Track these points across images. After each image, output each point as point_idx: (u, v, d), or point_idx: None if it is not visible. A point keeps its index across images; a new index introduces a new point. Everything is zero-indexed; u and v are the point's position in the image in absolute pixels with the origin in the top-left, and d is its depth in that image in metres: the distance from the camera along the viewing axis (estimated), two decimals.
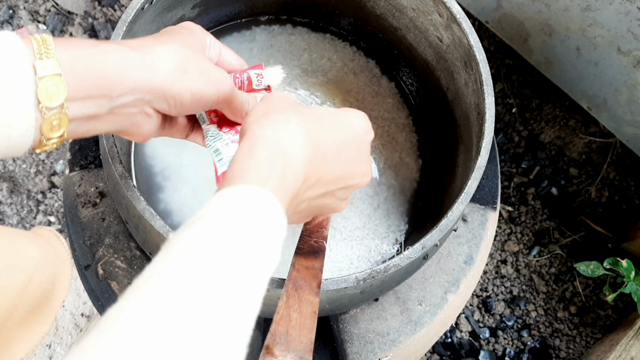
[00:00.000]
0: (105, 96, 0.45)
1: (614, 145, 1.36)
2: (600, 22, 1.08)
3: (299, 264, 0.54)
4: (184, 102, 0.50)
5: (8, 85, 0.39)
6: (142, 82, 0.46)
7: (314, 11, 0.92)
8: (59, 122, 0.43)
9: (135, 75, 0.46)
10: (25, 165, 1.35)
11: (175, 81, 0.49)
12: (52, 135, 0.43)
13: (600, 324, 1.28)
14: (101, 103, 0.45)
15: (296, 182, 0.45)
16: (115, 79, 0.45)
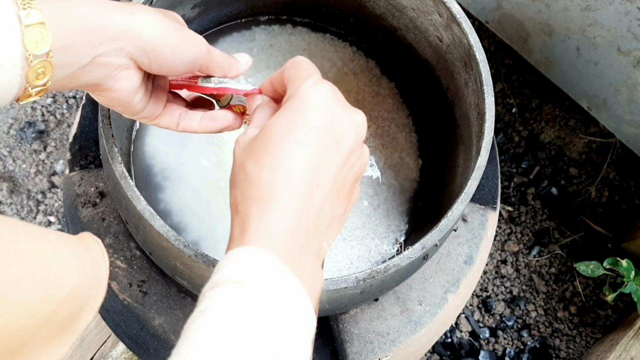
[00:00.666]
0: (88, 44, 0.46)
1: (614, 145, 1.36)
2: (600, 22, 1.08)
3: None
4: (165, 56, 0.50)
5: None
6: (123, 31, 0.47)
7: (314, 11, 0.92)
8: (43, 70, 0.44)
9: (116, 22, 0.47)
10: (25, 165, 1.35)
11: (155, 34, 0.49)
12: (37, 83, 0.44)
13: (600, 324, 1.28)
14: (84, 52, 0.46)
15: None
16: (97, 26, 0.46)
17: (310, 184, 0.44)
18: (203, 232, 0.78)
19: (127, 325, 0.74)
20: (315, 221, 0.44)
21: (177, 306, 0.74)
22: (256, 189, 0.44)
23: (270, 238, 0.43)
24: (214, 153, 0.82)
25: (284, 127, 0.46)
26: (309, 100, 0.47)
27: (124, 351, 1.03)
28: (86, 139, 0.83)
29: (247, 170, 0.46)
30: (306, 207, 0.44)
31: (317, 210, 0.44)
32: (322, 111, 0.46)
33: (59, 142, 1.38)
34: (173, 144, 0.82)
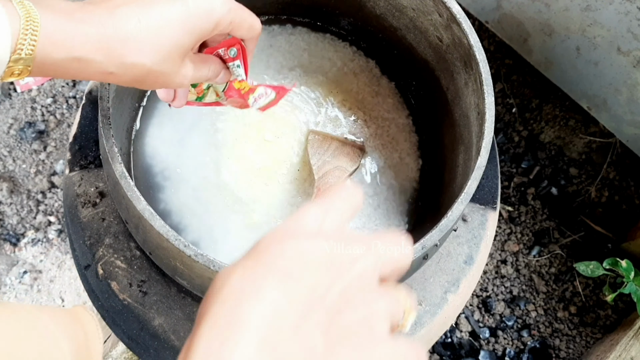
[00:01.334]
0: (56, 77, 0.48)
1: (614, 145, 1.36)
2: (600, 22, 1.08)
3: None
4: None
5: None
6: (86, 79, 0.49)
7: (313, 11, 0.92)
8: (18, 75, 0.45)
9: (85, 78, 0.48)
10: (25, 165, 1.35)
11: (125, 84, 0.50)
12: (9, 79, 0.45)
13: (600, 324, 1.28)
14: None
15: None
16: (69, 77, 0.47)
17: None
18: (203, 232, 0.78)
19: (127, 325, 0.74)
20: None
21: (177, 306, 0.74)
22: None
23: None
24: (214, 153, 0.82)
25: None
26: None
27: (124, 351, 1.03)
28: (86, 139, 0.83)
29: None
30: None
31: None
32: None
33: (59, 142, 1.38)
34: (173, 144, 0.82)
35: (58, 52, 0.45)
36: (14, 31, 0.42)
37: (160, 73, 0.51)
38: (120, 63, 0.48)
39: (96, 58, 0.46)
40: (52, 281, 1.29)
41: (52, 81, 1.43)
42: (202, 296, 0.69)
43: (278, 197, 0.81)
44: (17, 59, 0.43)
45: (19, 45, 0.42)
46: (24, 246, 1.31)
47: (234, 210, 0.79)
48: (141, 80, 0.51)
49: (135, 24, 0.47)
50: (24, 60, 0.43)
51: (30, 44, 0.43)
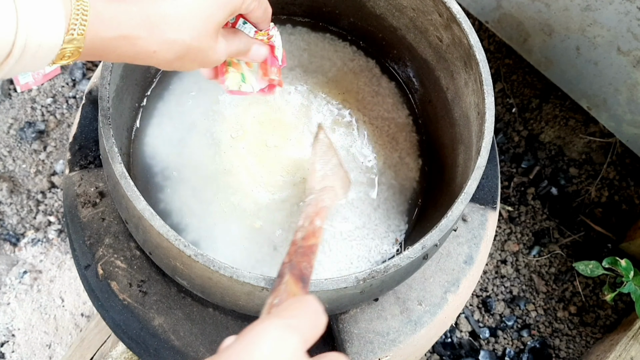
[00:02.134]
0: (102, 59, 0.50)
1: (613, 145, 1.36)
2: (600, 22, 1.08)
3: (289, 285, 0.52)
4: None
5: (38, 48, 0.42)
6: (133, 61, 0.51)
7: (313, 11, 0.92)
8: (58, 64, 0.47)
9: (132, 59, 0.50)
10: (25, 165, 1.35)
11: (165, 66, 0.52)
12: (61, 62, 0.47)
13: (600, 324, 1.28)
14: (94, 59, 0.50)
15: None
16: (115, 59, 0.49)
17: None
18: (203, 232, 0.78)
19: (127, 325, 0.74)
20: None
21: (177, 306, 0.74)
22: None
23: None
24: (214, 153, 0.82)
25: None
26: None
27: (124, 351, 1.03)
28: (86, 139, 0.83)
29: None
30: None
31: None
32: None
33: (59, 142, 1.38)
34: (173, 144, 0.82)
35: (106, 30, 0.46)
36: (66, 13, 0.43)
37: (199, 49, 0.53)
38: (162, 40, 0.50)
39: (141, 34, 0.48)
40: (52, 281, 1.29)
41: (52, 81, 1.43)
42: (202, 296, 0.69)
43: (278, 197, 0.81)
44: (70, 40, 0.44)
45: (72, 26, 0.44)
46: (24, 246, 1.31)
47: (233, 210, 0.79)
48: (182, 57, 0.52)
49: (172, 1, 0.50)
50: (76, 41, 0.44)
51: (81, 23, 0.44)
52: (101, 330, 1.10)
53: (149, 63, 0.52)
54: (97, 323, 1.12)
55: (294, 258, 0.56)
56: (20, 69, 0.43)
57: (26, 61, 0.42)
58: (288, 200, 0.81)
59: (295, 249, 0.58)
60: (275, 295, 0.51)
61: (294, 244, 0.59)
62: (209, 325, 0.74)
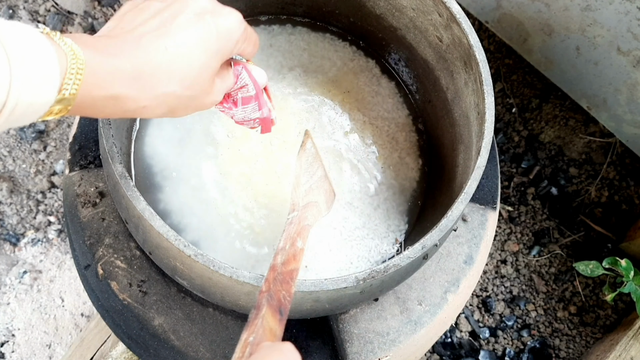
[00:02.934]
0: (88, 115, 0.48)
1: (613, 145, 1.36)
2: (600, 22, 1.09)
3: (267, 319, 0.51)
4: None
5: (30, 104, 0.41)
6: (123, 117, 0.50)
7: (313, 11, 0.92)
8: (56, 115, 0.45)
9: (120, 115, 0.48)
10: (25, 165, 1.35)
11: (156, 117, 0.51)
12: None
13: (600, 324, 1.28)
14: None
15: None
16: (105, 116, 0.47)
17: None
18: (203, 232, 0.78)
19: (127, 325, 0.74)
20: None
21: (177, 306, 0.74)
22: None
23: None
24: (214, 153, 0.82)
25: None
26: None
27: (124, 351, 1.03)
28: (86, 138, 0.83)
29: None
30: None
31: None
32: None
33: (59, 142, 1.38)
34: (173, 144, 0.82)
35: (98, 90, 0.44)
36: (61, 71, 0.41)
37: (191, 97, 0.51)
38: (153, 95, 0.48)
39: (130, 93, 0.46)
40: (52, 281, 1.29)
41: None
42: (202, 296, 0.69)
43: (278, 196, 0.81)
44: (60, 100, 0.42)
45: (65, 85, 0.42)
46: (24, 246, 1.31)
47: (234, 210, 0.79)
48: (174, 109, 0.51)
49: (163, 52, 0.47)
50: (66, 100, 0.42)
51: (75, 83, 0.42)
52: (101, 330, 1.10)
53: (138, 116, 0.50)
54: (97, 323, 1.12)
55: (272, 287, 0.54)
56: (5, 126, 0.40)
57: (14, 118, 0.40)
58: (288, 200, 0.81)
59: (274, 276, 0.55)
60: (251, 331, 0.49)
61: (274, 270, 0.56)
62: (209, 325, 0.74)
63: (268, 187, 0.81)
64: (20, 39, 0.39)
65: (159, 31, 0.48)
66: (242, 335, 0.48)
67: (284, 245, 0.60)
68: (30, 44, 0.40)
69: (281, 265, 0.57)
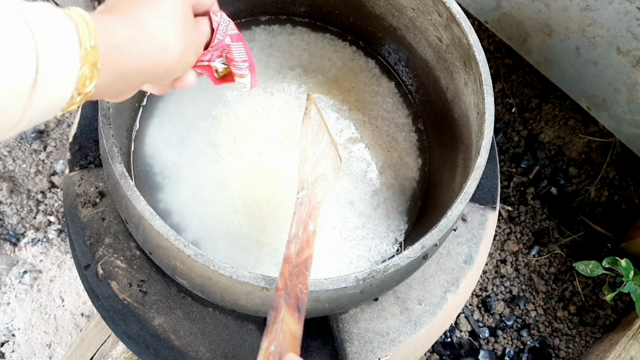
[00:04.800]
0: (119, 87, 0.51)
1: (613, 144, 1.36)
2: (599, 22, 1.09)
3: (286, 321, 0.49)
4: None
5: (60, 69, 0.42)
6: (152, 73, 0.52)
7: (313, 11, 0.92)
8: (80, 101, 0.47)
9: (150, 65, 0.51)
10: (25, 165, 1.35)
11: (177, 67, 0.54)
12: (67, 110, 0.47)
13: (600, 324, 1.28)
14: (115, 87, 0.50)
15: None
16: (135, 71, 0.50)
17: None
18: (203, 232, 0.78)
19: (127, 325, 0.74)
20: None
21: (177, 306, 0.74)
22: None
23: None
24: (214, 153, 0.82)
25: None
26: None
27: (124, 351, 1.03)
28: (86, 138, 0.83)
29: None
30: None
31: None
32: None
33: (59, 142, 1.38)
34: (173, 144, 0.82)
35: (114, 36, 0.47)
36: (75, 29, 0.44)
37: (191, 31, 0.56)
38: (164, 29, 0.51)
39: (145, 34, 0.50)
40: (52, 281, 1.29)
41: None
42: (202, 296, 0.69)
43: (279, 196, 0.81)
44: (85, 55, 0.44)
45: (82, 39, 0.44)
46: (24, 246, 1.31)
47: (234, 209, 0.79)
48: (186, 46, 0.54)
49: (150, 3, 0.52)
50: (91, 55, 0.44)
51: (90, 33, 0.44)
52: (101, 330, 1.10)
53: (164, 68, 0.53)
54: (97, 323, 1.12)
55: (289, 283, 0.52)
56: (45, 104, 0.42)
57: (52, 90, 0.42)
58: (290, 198, 0.81)
59: (290, 270, 0.53)
60: (272, 338, 0.47)
61: (289, 262, 0.54)
62: (209, 325, 0.74)
63: (268, 187, 0.81)
64: (35, 10, 0.42)
65: (141, 3, 0.52)
66: (262, 342, 0.46)
67: (297, 231, 0.58)
68: (44, 11, 0.42)
69: (296, 256, 0.55)
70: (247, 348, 0.73)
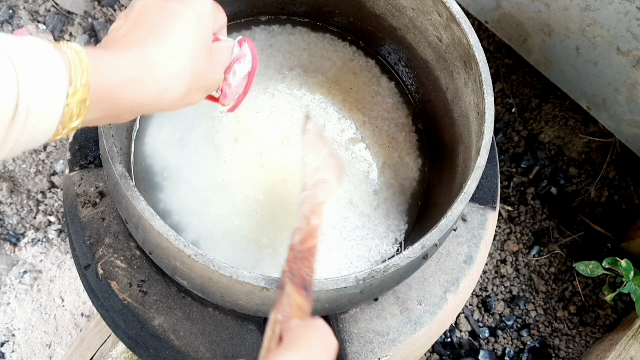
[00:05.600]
0: (112, 120, 0.49)
1: (613, 144, 1.36)
2: (599, 22, 1.09)
3: (292, 296, 0.52)
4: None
5: (43, 105, 0.41)
6: (146, 110, 0.50)
7: (313, 11, 0.92)
8: (67, 133, 0.45)
9: (145, 105, 0.49)
10: (25, 165, 1.35)
11: (176, 106, 0.52)
12: (53, 139, 0.46)
13: (600, 324, 1.28)
14: (108, 119, 0.49)
15: None
16: (129, 109, 0.48)
17: None
18: (203, 232, 0.78)
19: (127, 325, 0.74)
20: None
21: (177, 306, 0.74)
22: None
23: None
24: (214, 153, 0.82)
25: None
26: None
27: (124, 351, 1.03)
28: (86, 138, 0.83)
29: None
30: None
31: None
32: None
33: (59, 142, 1.38)
34: (173, 144, 0.82)
35: (110, 77, 0.45)
36: (65, 64, 0.43)
37: (202, 72, 0.53)
38: (167, 73, 0.49)
39: (144, 75, 0.47)
40: (52, 281, 1.29)
41: None
42: (202, 296, 0.69)
43: (279, 196, 0.81)
44: (74, 92, 0.43)
45: (73, 76, 0.43)
46: (24, 246, 1.31)
47: (234, 209, 0.79)
48: (190, 87, 0.52)
49: (161, 38, 0.49)
50: (80, 93, 0.43)
51: (82, 72, 0.43)
52: (101, 330, 1.10)
53: (162, 108, 0.51)
54: (97, 323, 1.12)
55: (293, 265, 0.55)
56: (27, 137, 0.41)
57: (33, 125, 0.41)
58: (290, 198, 0.81)
59: (294, 255, 0.57)
60: (278, 309, 0.50)
61: (292, 250, 0.58)
62: (209, 325, 0.74)
63: (268, 186, 0.81)
64: (22, 45, 0.41)
65: (152, 34, 0.50)
66: (270, 315, 0.49)
67: (300, 224, 0.61)
68: (31, 46, 0.41)
69: (299, 244, 0.58)
70: (247, 348, 0.73)
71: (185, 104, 0.53)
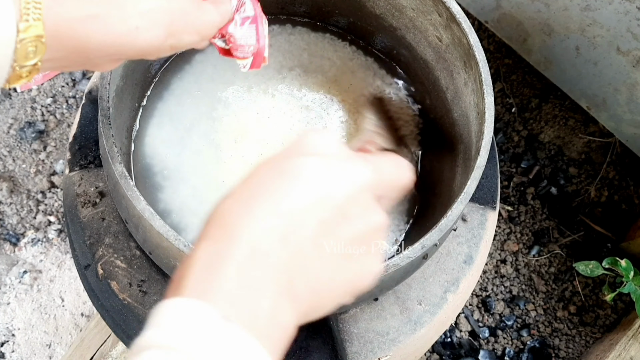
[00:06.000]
0: (83, 61, 0.46)
1: (613, 144, 1.36)
2: (599, 22, 1.09)
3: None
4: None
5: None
6: (121, 52, 0.46)
7: (313, 11, 0.92)
8: (28, 74, 0.43)
9: (116, 46, 0.45)
10: (25, 165, 1.35)
11: (159, 48, 0.48)
12: (16, 83, 0.43)
13: (600, 324, 1.28)
14: (77, 61, 0.45)
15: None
16: (96, 49, 0.44)
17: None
18: None
19: (127, 325, 0.74)
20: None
21: None
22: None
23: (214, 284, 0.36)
24: (214, 154, 0.82)
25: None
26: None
27: (124, 351, 1.03)
28: (86, 138, 0.83)
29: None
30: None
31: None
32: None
33: (58, 142, 1.38)
34: (173, 143, 0.82)
35: (69, 10, 0.42)
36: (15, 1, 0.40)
37: (183, 11, 0.48)
38: (139, 11, 0.45)
39: (111, 11, 0.43)
40: (52, 281, 1.29)
41: (52, 81, 1.43)
42: None
43: None
44: (27, 27, 0.40)
45: (24, 10, 0.40)
46: (24, 246, 1.31)
47: None
48: (171, 29, 0.47)
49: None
50: (34, 28, 0.40)
51: (35, 6, 0.40)
52: (101, 330, 1.10)
53: (141, 51, 0.46)
54: (97, 323, 1.12)
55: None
56: None
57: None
58: None
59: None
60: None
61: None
62: None
63: None
64: None
65: None
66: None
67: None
68: None
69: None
70: None
71: (174, 48, 0.49)
